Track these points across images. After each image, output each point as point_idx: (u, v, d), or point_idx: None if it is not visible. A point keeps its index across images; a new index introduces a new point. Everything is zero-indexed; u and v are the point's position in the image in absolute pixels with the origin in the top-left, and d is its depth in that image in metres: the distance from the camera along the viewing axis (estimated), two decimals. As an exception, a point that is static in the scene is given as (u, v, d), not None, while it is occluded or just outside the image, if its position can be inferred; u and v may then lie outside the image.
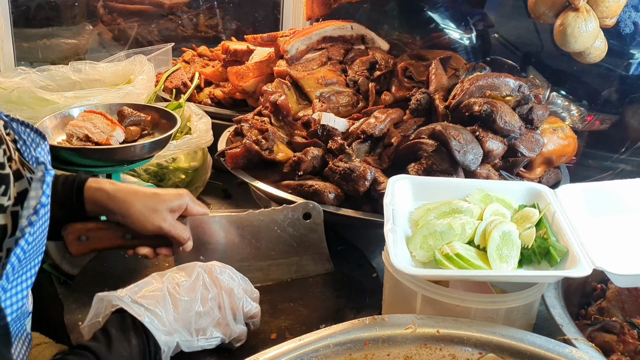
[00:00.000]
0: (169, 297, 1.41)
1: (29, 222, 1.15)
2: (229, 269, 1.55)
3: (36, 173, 1.21)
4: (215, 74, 3.01)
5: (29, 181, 1.23)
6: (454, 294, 1.44)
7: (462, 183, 1.77)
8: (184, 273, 1.48)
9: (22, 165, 1.25)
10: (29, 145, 1.28)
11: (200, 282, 1.47)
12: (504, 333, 1.37)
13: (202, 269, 1.50)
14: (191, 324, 1.43)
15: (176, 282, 1.44)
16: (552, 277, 1.50)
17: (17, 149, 1.27)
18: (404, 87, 2.42)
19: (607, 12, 2.06)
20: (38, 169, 1.21)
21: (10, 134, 1.27)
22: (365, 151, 2.16)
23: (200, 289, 1.46)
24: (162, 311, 1.38)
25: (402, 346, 1.38)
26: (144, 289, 1.42)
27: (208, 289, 1.47)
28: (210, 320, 1.46)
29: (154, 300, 1.39)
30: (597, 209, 1.70)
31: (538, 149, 2.11)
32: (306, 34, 2.67)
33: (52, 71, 2.65)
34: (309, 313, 1.72)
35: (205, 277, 1.48)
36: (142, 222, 1.60)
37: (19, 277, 1.17)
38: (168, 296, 1.41)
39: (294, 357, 1.32)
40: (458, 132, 1.96)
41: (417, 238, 1.51)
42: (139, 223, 1.60)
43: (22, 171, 1.23)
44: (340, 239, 2.03)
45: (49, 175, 1.20)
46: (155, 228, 1.61)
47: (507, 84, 2.14)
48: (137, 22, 3.80)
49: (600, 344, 1.54)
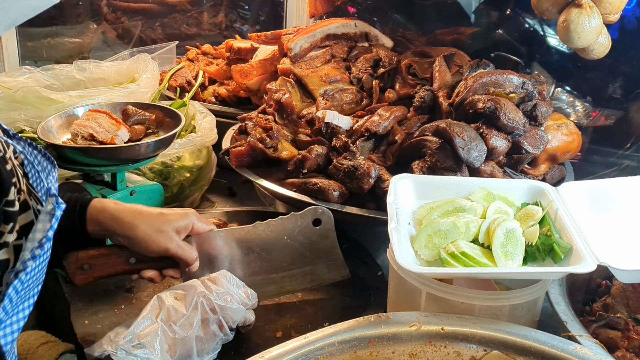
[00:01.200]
0: (165, 338, 1.42)
1: (32, 255, 1.11)
2: (226, 278, 1.57)
3: (46, 206, 1.16)
4: (219, 72, 3.01)
5: (35, 213, 1.17)
6: (458, 291, 1.45)
7: (464, 181, 1.77)
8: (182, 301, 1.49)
9: (29, 195, 1.19)
10: (40, 173, 1.23)
11: (199, 310, 1.48)
12: (509, 330, 1.37)
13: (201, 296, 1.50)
14: (193, 351, 1.45)
15: (172, 320, 1.44)
16: (558, 273, 1.50)
17: (24, 175, 1.21)
18: (407, 85, 2.42)
19: (610, 8, 2.05)
20: (49, 201, 1.16)
21: (19, 157, 1.21)
22: (369, 149, 2.16)
23: (198, 317, 1.47)
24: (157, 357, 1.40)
25: (407, 344, 1.38)
26: (138, 333, 1.40)
27: (207, 313, 1.49)
28: (212, 340, 1.49)
29: (149, 347, 1.39)
30: (599, 206, 1.70)
31: (542, 146, 2.10)
32: (310, 32, 2.67)
33: (57, 70, 2.65)
34: (314, 311, 1.72)
35: (204, 303, 1.49)
36: (148, 244, 1.54)
37: (16, 309, 1.12)
38: (164, 339, 1.42)
39: (299, 355, 1.32)
40: (462, 130, 1.96)
41: (422, 237, 1.52)
42: (144, 245, 1.54)
43: (28, 201, 1.18)
44: (345, 236, 2.03)
45: (59, 209, 1.15)
46: (161, 250, 1.56)
47: (510, 80, 2.14)
48: (140, 21, 3.81)
49: (604, 340, 1.54)
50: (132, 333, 1.40)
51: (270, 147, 2.17)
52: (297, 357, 1.31)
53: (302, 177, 2.09)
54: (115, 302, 1.72)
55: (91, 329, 1.61)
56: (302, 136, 2.27)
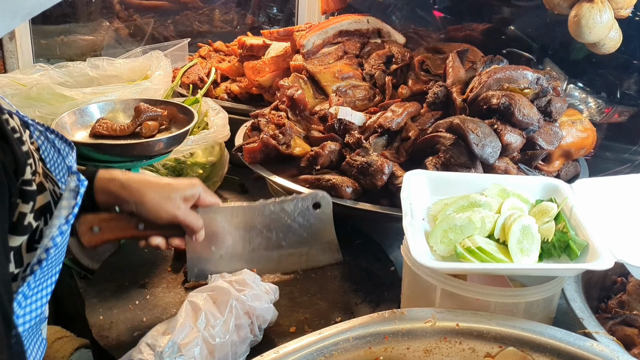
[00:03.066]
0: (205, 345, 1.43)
1: (60, 231, 1.15)
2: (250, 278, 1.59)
3: (69, 183, 1.20)
4: (231, 69, 3.01)
5: (52, 194, 1.22)
6: (473, 287, 1.44)
7: (478, 178, 1.76)
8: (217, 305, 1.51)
9: (45, 177, 1.23)
10: (60, 153, 1.27)
11: (233, 314, 1.50)
12: (524, 326, 1.36)
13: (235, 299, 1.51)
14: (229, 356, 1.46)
15: (211, 325, 1.46)
16: (575, 269, 1.49)
17: (40, 159, 1.26)
18: (420, 81, 2.41)
19: (622, 3, 2.04)
20: (71, 178, 1.20)
21: (34, 142, 1.26)
22: (383, 145, 2.16)
23: (233, 321, 1.49)
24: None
25: (422, 340, 1.38)
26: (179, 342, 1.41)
27: (241, 318, 1.50)
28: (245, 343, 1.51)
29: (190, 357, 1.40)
30: (614, 202, 1.68)
31: (557, 142, 2.09)
32: (322, 28, 2.66)
33: (70, 67, 2.67)
34: (327, 306, 1.72)
35: (238, 307, 1.51)
36: (157, 210, 1.58)
37: (40, 285, 1.17)
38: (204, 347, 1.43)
39: (313, 350, 1.32)
40: (476, 126, 1.96)
41: (437, 232, 1.51)
42: (153, 211, 1.58)
43: (44, 183, 1.22)
44: (358, 232, 2.03)
45: (82, 186, 1.20)
46: (169, 216, 1.60)
47: (525, 76, 2.12)
48: (153, 18, 3.82)
49: (621, 337, 1.53)
50: (174, 342, 1.40)
51: (283, 143, 2.17)
52: (311, 352, 1.31)
53: (315, 174, 2.08)
54: (130, 297, 1.72)
55: (106, 324, 1.62)
56: (315, 132, 2.26)
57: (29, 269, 1.13)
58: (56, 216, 1.17)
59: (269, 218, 1.82)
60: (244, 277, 1.61)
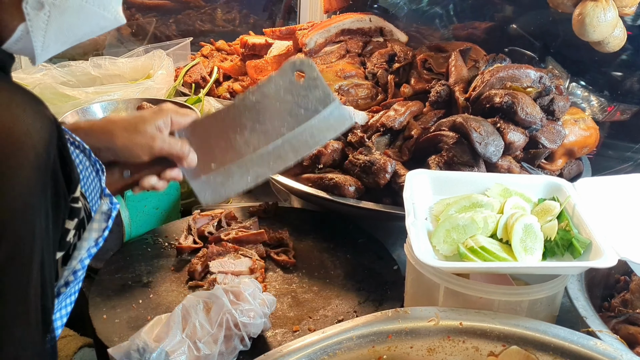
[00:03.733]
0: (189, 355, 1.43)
1: (88, 254, 1.14)
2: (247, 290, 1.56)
3: (101, 206, 1.17)
4: (234, 68, 3.02)
5: (84, 210, 1.17)
6: (477, 286, 1.44)
7: (480, 177, 1.76)
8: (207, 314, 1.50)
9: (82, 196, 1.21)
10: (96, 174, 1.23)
11: (223, 327, 1.48)
12: (528, 325, 1.37)
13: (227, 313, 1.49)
14: None
15: (197, 337, 1.45)
16: (579, 267, 1.49)
17: None
18: (423, 79, 2.41)
19: (626, 1, 2.04)
20: (104, 201, 1.17)
21: None
22: (385, 144, 2.16)
23: (222, 334, 1.47)
24: None
25: (425, 338, 1.38)
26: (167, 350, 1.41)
27: (231, 330, 1.49)
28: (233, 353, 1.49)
29: None
30: (616, 201, 1.68)
31: (559, 141, 2.09)
32: (324, 27, 2.67)
33: (73, 67, 2.67)
34: (330, 305, 1.72)
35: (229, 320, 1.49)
36: (131, 149, 1.42)
37: (64, 302, 1.17)
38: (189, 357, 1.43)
39: (317, 349, 1.32)
40: (479, 124, 1.96)
41: (440, 232, 1.51)
42: (128, 152, 1.42)
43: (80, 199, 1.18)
44: (360, 231, 2.03)
45: (115, 209, 1.18)
46: (146, 151, 1.43)
47: (527, 75, 2.12)
48: (155, 17, 3.82)
49: (624, 336, 1.53)
50: (162, 350, 1.40)
51: (286, 142, 2.16)
52: (315, 351, 1.32)
53: (317, 173, 2.09)
54: (133, 296, 1.72)
55: (109, 324, 1.62)
56: (318, 131, 2.26)
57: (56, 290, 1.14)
58: (85, 238, 1.15)
59: (257, 110, 1.56)
60: (241, 289, 1.56)
